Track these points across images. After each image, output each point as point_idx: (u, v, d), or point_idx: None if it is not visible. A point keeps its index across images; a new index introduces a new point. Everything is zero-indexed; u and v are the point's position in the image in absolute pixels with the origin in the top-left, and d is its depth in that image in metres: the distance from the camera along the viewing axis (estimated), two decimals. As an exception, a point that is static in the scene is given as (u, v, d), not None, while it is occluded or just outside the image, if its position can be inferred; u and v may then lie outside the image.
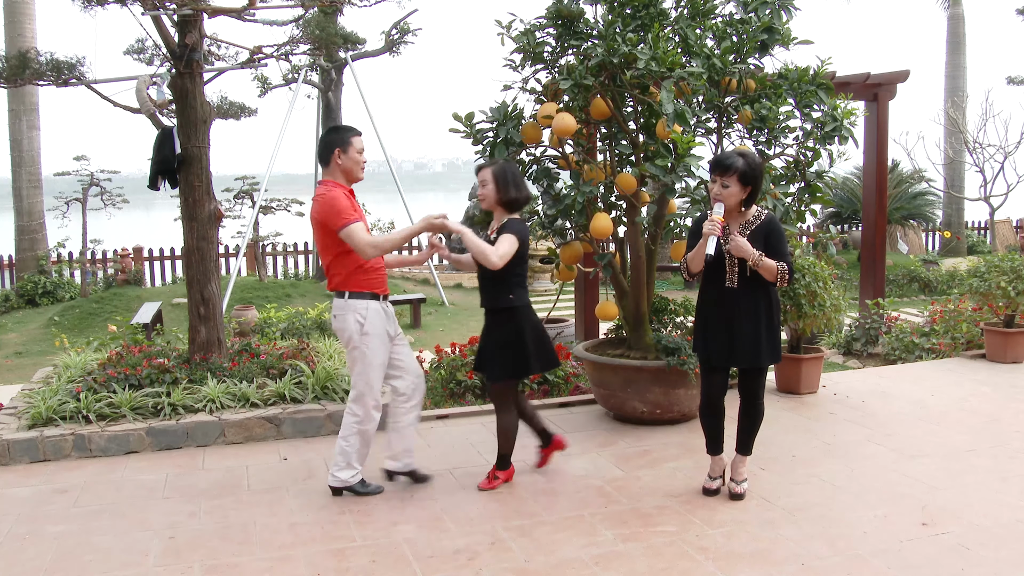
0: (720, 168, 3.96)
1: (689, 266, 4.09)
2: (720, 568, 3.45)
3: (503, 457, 4.45)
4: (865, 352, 8.04)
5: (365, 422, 4.27)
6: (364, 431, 4.28)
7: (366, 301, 4.19)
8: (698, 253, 3.98)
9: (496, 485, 4.40)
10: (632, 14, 5.12)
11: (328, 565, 3.53)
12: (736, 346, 4.04)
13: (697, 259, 4.00)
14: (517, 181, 4.28)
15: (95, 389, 5.40)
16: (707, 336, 4.12)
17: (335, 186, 4.19)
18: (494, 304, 4.32)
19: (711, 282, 4.11)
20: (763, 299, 4.05)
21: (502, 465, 4.46)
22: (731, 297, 4.04)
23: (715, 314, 4.10)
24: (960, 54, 18.67)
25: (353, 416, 4.27)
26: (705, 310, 4.17)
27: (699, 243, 3.97)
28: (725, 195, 3.96)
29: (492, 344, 4.31)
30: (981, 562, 3.48)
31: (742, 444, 4.25)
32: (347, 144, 4.20)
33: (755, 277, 4.01)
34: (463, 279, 15.40)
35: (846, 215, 17.31)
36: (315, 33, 6.81)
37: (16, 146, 14.39)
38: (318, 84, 15.29)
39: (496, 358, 4.29)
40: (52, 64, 6.36)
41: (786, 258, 3.99)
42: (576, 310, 7.64)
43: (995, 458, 4.72)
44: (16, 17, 14.13)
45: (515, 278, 4.27)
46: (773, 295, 4.10)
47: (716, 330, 4.08)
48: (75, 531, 3.93)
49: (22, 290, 13.51)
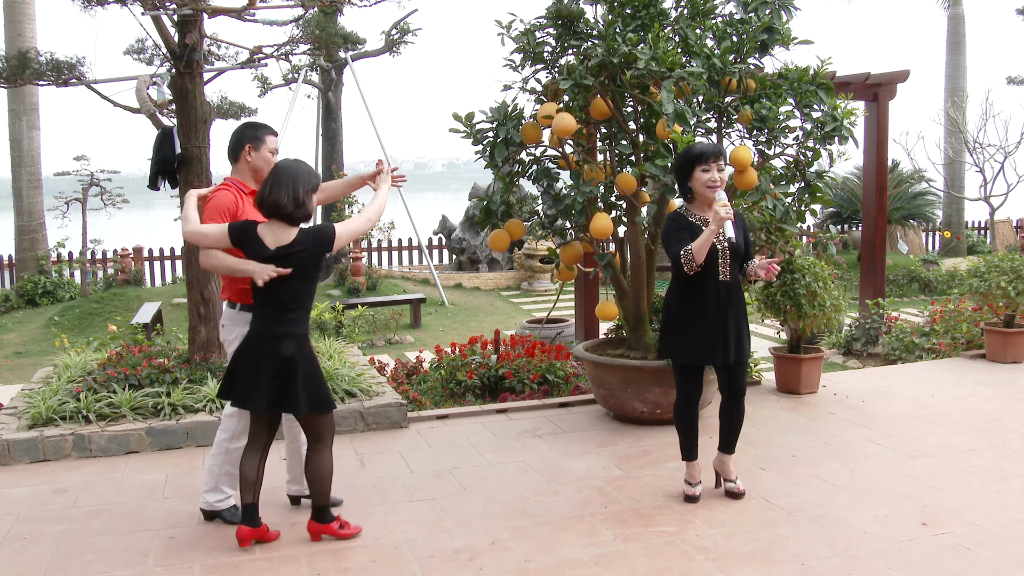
0: (715, 154, 3.94)
1: (696, 258, 3.83)
2: (720, 568, 3.45)
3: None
4: (865, 352, 8.04)
5: (235, 439, 3.90)
6: (233, 449, 3.89)
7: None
8: (705, 243, 3.82)
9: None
10: (632, 14, 5.12)
11: (328, 565, 3.53)
12: (733, 341, 4.00)
13: (704, 250, 3.84)
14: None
15: (95, 389, 5.40)
16: (700, 334, 3.98)
17: (230, 186, 3.88)
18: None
19: (704, 277, 3.94)
20: (742, 291, 4.08)
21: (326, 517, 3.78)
22: (726, 290, 3.98)
23: (710, 310, 3.96)
24: (960, 54, 18.66)
25: (224, 432, 3.92)
26: (694, 307, 4.00)
27: (705, 233, 3.81)
28: (722, 178, 3.95)
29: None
30: (981, 562, 3.47)
31: (729, 443, 4.19)
32: (260, 142, 3.92)
33: (738, 269, 4.02)
34: (463, 279, 15.41)
35: (846, 215, 17.31)
36: (315, 33, 6.81)
37: (16, 146, 14.40)
38: (318, 84, 15.30)
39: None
40: (52, 64, 6.36)
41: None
42: (576, 310, 7.64)
43: (995, 458, 4.72)
44: (16, 17, 14.14)
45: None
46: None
47: (712, 327, 3.96)
48: (75, 531, 3.93)
49: (22, 290, 13.52)
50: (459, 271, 16.23)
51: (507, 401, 6.02)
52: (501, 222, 5.40)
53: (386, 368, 7.07)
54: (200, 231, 3.65)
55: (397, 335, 10.89)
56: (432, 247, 17.14)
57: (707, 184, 3.92)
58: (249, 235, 3.55)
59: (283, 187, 3.50)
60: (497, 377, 6.33)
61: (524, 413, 5.79)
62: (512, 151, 5.23)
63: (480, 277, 15.49)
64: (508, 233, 5.35)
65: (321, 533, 3.75)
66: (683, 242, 3.89)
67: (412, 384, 6.68)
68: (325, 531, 3.74)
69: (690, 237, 3.91)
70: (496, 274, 15.68)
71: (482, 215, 5.42)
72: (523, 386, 6.22)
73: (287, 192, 3.50)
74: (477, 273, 15.81)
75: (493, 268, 16.11)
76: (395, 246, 16.97)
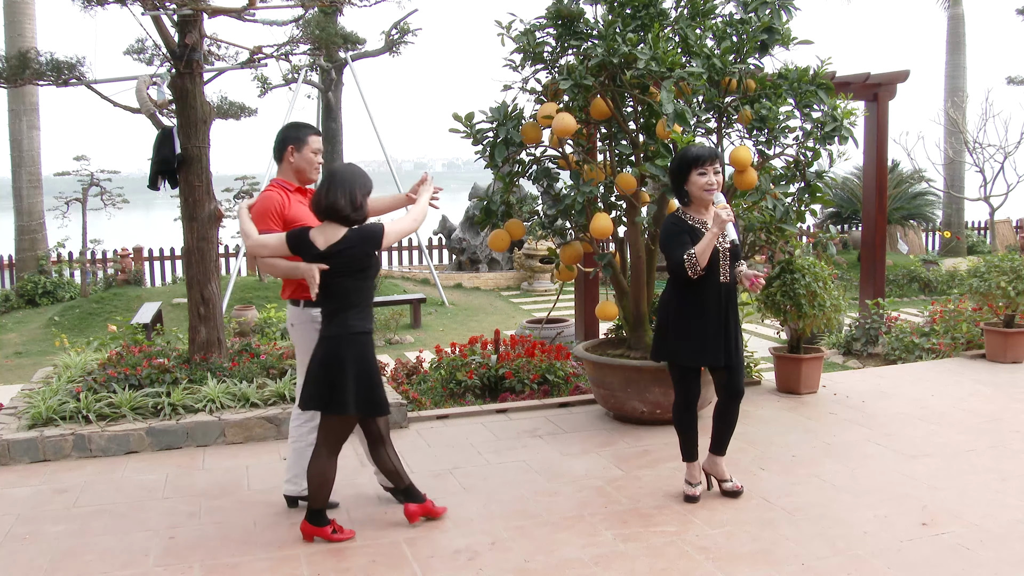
0: (711, 157, 3.93)
1: (700, 261, 3.83)
2: (720, 568, 3.45)
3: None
4: (865, 352, 8.04)
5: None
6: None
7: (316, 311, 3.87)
8: (708, 246, 3.83)
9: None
10: (632, 14, 5.12)
11: (328, 565, 3.53)
12: (733, 341, 4.01)
13: (707, 253, 3.84)
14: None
15: (95, 389, 5.40)
16: (701, 335, 3.99)
17: (275, 186, 3.98)
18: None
19: (706, 279, 3.94)
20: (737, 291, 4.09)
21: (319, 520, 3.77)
22: (726, 292, 4.00)
23: (712, 311, 3.97)
24: (960, 54, 18.65)
25: (299, 419, 4.11)
26: (696, 309, 3.99)
27: (708, 236, 3.82)
28: (718, 181, 3.94)
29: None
30: (981, 562, 3.48)
31: (721, 445, 4.19)
32: (303, 142, 4.02)
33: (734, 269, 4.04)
34: (463, 279, 15.41)
35: (846, 215, 17.31)
36: (315, 33, 6.81)
37: (16, 146, 14.40)
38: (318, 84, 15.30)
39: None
40: (52, 64, 6.36)
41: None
42: (576, 310, 7.64)
43: (995, 458, 4.72)
44: (16, 17, 14.14)
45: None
46: None
47: (714, 328, 3.98)
48: (75, 531, 3.93)
49: (22, 290, 13.52)
50: (459, 271, 16.23)
51: (507, 401, 6.02)
52: (501, 222, 5.40)
53: (386, 368, 7.06)
54: (261, 242, 3.74)
55: (397, 335, 10.88)
56: (432, 247, 17.13)
57: (704, 188, 3.92)
58: (303, 240, 3.61)
59: (340, 191, 3.56)
60: (497, 377, 6.33)
61: (524, 413, 5.79)
62: (512, 151, 5.23)
63: (480, 277, 15.49)
64: (508, 233, 5.35)
65: (314, 535, 3.74)
66: (685, 246, 3.88)
67: (412, 384, 6.68)
68: (318, 533, 3.74)
69: (691, 240, 3.91)
70: (496, 274, 15.68)
71: (482, 215, 5.42)
72: (523, 386, 6.22)
73: (344, 195, 3.56)
74: (477, 273, 15.81)
75: (493, 268, 16.11)
76: (395, 246, 16.97)
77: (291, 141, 4.01)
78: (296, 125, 4.12)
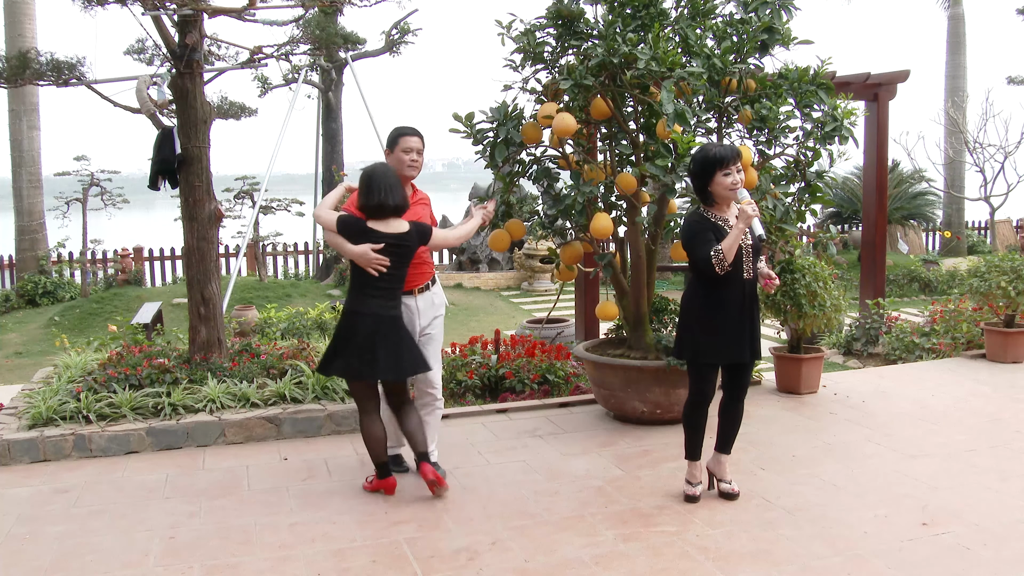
0: (734, 157, 3.93)
1: (727, 257, 3.82)
2: (720, 568, 3.45)
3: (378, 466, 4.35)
4: (865, 352, 8.04)
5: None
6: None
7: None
8: (735, 242, 3.83)
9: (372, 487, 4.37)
10: (632, 14, 5.12)
11: (328, 565, 3.53)
12: (750, 338, 4.02)
13: (734, 249, 3.84)
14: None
15: (95, 389, 5.40)
16: (726, 332, 3.99)
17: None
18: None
19: (730, 276, 3.94)
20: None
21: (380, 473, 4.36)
22: (749, 288, 4.02)
23: (735, 308, 3.98)
24: (960, 54, 18.66)
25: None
26: (720, 306, 4.00)
27: (734, 231, 3.82)
28: (741, 179, 3.95)
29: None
30: (981, 562, 3.48)
31: (727, 443, 4.19)
32: (393, 144, 4.43)
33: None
34: (463, 279, 15.41)
35: (846, 215, 17.31)
36: (315, 33, 6.81)
37: (16, 146, 14.40)
38: (318, 84, 15.31)
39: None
40: (52, 64, 6.35)
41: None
42: (576, 310, 7.65)
43: (995, 458, 4.72)
44: (16, 17, 14.14)
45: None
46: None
47: (737, 324, 3.98)
48: (75, 531, 3.93)
49: (22, 290, 13.52)
50: (459, 271, 16.23)
51: (507, 401, 6.02)
52: (501, 222, 5.40)
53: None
54: (319, 215, 4.28)
55: (397, 335, 10.86)
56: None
57: (729, 187, 3.93)
58: (350, 226, 4.10)
59: (374, 190, 4.05)
60: (497, 377, 6.33)
61: (524, 413, 5.79)
62: (512, 151, 5.23)
63: (480, 277, 15.49)
64: (508, 233, 5.35)
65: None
66: (710, 243, 3.89)
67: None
68: (372, 487, 4.34)
69: (715, 238, 3.91)
70: (496, 274, 15.68)
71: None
72: (523, 386, 6.22)
73: (382, 193, 4.05)
74: (477, 273, 15.81)
75: (493, 268, 16.11)
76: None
77: (388, 146, 4.48)
78: (394, 129, 4.51)
